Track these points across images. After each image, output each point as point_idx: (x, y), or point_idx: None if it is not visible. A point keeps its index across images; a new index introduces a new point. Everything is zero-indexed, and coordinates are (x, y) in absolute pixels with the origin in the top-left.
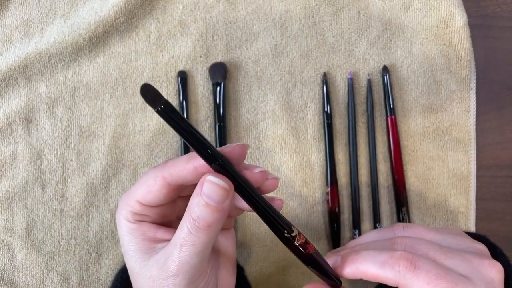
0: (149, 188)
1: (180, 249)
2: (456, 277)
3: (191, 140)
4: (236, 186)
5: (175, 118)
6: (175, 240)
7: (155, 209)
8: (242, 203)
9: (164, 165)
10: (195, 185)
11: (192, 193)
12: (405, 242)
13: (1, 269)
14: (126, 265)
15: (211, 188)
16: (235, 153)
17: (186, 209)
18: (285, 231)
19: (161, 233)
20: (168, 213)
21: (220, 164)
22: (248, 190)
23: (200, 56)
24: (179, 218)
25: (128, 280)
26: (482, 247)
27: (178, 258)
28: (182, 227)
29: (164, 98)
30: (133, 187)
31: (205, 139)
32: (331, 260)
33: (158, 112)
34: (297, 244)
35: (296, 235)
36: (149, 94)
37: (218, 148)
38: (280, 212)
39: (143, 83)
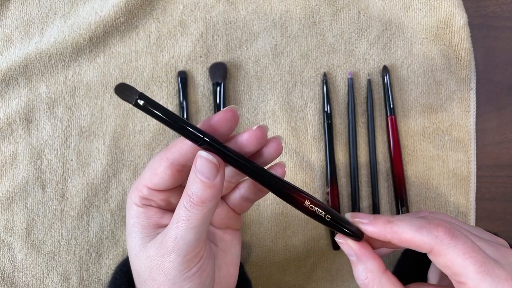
0: (155, 170)
1: (177, 225)
2: (488, 256)
3: (173, 125)
4: (227, 158)
5: (152, 107)
6: (173, 219)
7: (162, 195)
8: (242, 190)
9: (166, 147)
10: None
11: None
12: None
13: (1, 269)
14: (127, 249)
15: (201, 163)
16: (226, 119)
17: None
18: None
19: (166, 219)
20: (174, 202)
21: (205, 142)
22: (236, 158)
23: (200, 56)
24: None
25: (127, 272)
26: (503, 241)
27: (174, 234)
28: (179, 205)
29: (138, 90)
30: (142, 173)
31: (186, 122)
32: (362, 216)
33: (134, 105)
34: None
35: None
36: (124, 90)
37: (207, 119)
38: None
39: (116, 84)
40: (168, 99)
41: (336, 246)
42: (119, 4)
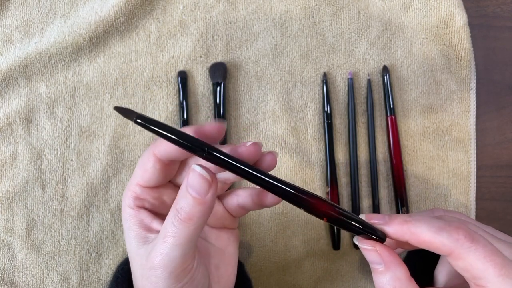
0: (144, 166)
1: (163, 240)
2: (507, 258)
3: (175, 140)
4: (231, 167)
5: (152, 124)
6: (161, 232)
7: (154, 192)
8: (240, 198)
9: (153, 143)
10: None
11: None
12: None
13: (1, 269)
14: (127, 250)
15: (193, 178)
16: (212, 130)
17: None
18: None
19: (157, 223)
20: (167, 200)
21: (208, 153)
22: (243, 166)
23: (200, 56)
24: None
25: (129, 271)
26: None
27: (160, 250)
28: (167, 219)
29: (136, 112)
30: (133, 173)
31: (186, 136)
32: (377, 217)
33: (136, 122)
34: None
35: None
36: (123, 110)
37: (194, 128)
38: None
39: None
40: (168, 99)
41: (336, 246)
42: (119, 4)
